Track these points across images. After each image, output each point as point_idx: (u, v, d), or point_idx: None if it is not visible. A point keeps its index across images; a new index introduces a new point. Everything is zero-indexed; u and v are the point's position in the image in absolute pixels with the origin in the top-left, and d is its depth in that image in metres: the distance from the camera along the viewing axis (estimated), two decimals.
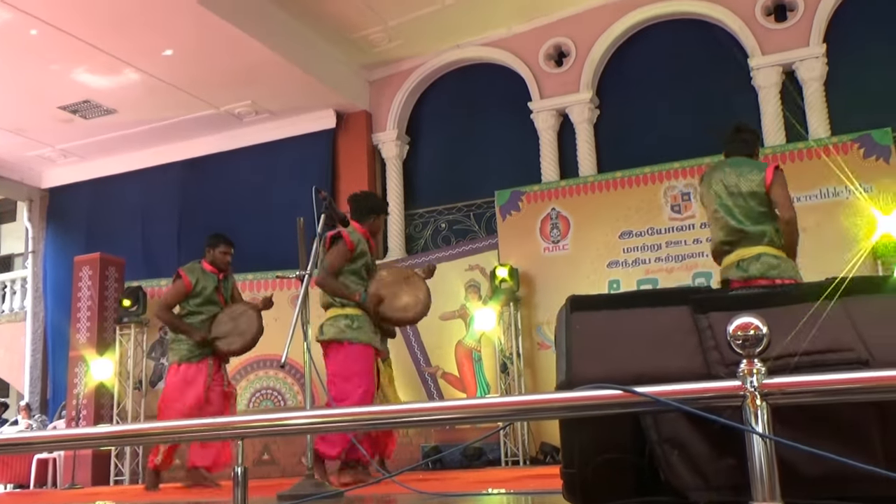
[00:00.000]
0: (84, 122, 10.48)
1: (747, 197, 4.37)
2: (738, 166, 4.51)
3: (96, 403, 9.33)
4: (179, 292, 6.11)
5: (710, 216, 4.56)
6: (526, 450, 8.17)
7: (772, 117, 8.59)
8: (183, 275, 6.11)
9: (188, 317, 6.10)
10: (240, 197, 10.72)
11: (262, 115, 10.60)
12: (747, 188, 4.37)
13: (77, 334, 9.65)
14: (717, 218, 4.45)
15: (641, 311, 2.18)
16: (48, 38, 8.36)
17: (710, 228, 4.64)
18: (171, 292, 6.18)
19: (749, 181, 4.39)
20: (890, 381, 1.72)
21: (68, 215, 12.08)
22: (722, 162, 4.67)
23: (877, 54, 8.38)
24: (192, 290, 6.07)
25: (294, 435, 5.19)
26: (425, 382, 9.03)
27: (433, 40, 10.05)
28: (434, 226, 10.26)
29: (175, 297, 6.14)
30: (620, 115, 9.47)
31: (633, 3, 9.34)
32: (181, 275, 6.13)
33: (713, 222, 4.52)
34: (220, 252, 6.21)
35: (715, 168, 4.64)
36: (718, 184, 4.47)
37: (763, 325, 1.73)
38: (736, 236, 4.38)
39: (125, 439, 5.18)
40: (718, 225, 4.44)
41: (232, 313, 6.10)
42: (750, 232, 4.34)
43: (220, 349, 6.04)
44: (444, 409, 2.40)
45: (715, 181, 4.50)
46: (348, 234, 5.01)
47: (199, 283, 6.10)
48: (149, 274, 10.22)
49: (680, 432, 1.87)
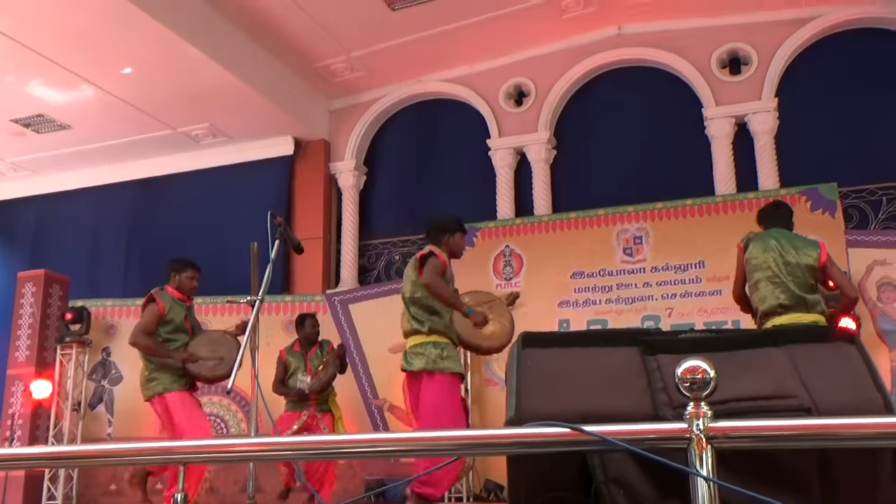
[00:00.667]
0: (36, 136, 10.30)
1: (804, 269, 5.00)
2: (791, 239, 5.17)
3: (32, 424, 9.07)
4: (154, 315, 5.75)
5: (762, 278, 5.09)
6: (470, 486, 8.12)
7: (723, 167, 8.77)
8: (157, 298, 5.78)
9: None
10: (192, 219, 10.59)
11: (219, 139, 10.53)
12: (805, 262, 5.01)
13: (16, 352, 9.41)
14: (776, 283, 5.01)
15: (592, 350, 2.21)
16: (4, 50, 8.22)
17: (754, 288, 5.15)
18: (148, 318, 5.77)
19: (807, 256, 5.04)
20: (831, 429, 1.75)
21: (14, 229, 11.82)
22: (768, 232, 5.27)
23: (826, 110, 8.62)
24: (165, 317, 5.76)
25: (237, 462, 5.06)
26: (371, 415, 8.95)
27: (395, 73, 10.11)
28: (388, 257, 10.25)
29: (153, 321, 5.75)
30: (577, 156, 9.59)
31: (593, 48, 9.51)
32: (154, 298, 5.79)
33: (766, 284, 5.06)
34: (186, 277, 5.94)
35: (762, 236, 5.24)
36: (774, 251, 5.07)
37: (710, 368, 1.75)
38: (794, 301, 4.96)
39: (61, 461, 5.05)
40: (778, 289, 5.00)
41: (208, 339, 5.84)
42: (808, 300, 4.99)
43: (203, 375, 5.73)
44: (391, 441, 2.39)
45: (769, 248, 5.10)
46: (441, 255, 4.94)
47: (171, 310, 5.81)
48: (94, 293, 10.01)
49: (626, 472, 1.89)
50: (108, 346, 9.37)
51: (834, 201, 7.74)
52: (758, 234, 5.29)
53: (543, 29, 9.32)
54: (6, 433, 9.13)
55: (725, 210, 8.16)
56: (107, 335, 9.40)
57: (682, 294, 8.08)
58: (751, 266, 5.20)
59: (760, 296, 5.10)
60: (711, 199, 8.33)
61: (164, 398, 5.68)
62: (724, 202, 8.23)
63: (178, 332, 5.82)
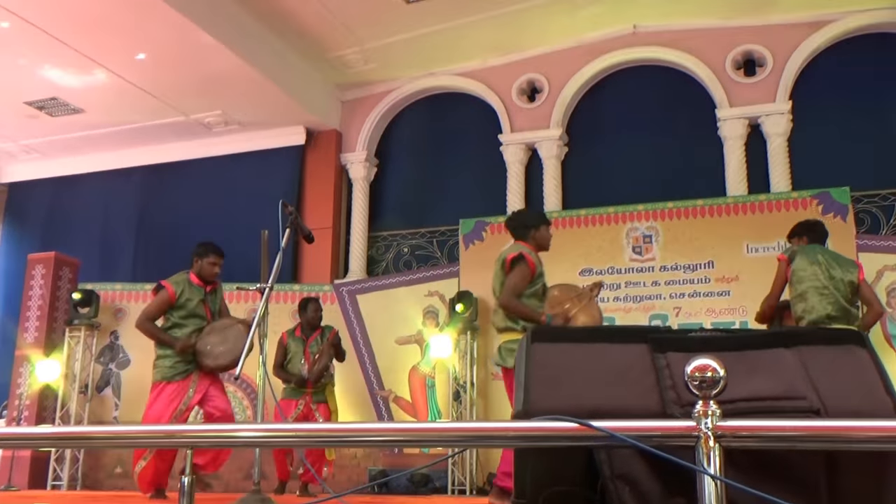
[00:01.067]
0: (50, 119, 10.34)
1: (846, 284, 5.43)
2: (836, 257, 5.62)
3: (39, 405, 9.12)
4: (163, 303, 5.81)
5: (809, 288, 5.44)
6: (473, 479, 8.14)
7: (735, 168, 8.75)
8: (167, 286, 5.81)
9: (172, 329, 5.81)
10: (203, 206, 10.61)
11: (231, 127, 10.55)
12: (848, 278, 5.44)
13: (24, 333, 9.45)
14: (824, 294, 5.39)
15: (601, 346, 2.21)
16: (20, 32, 8.24)
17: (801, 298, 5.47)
18: (154, 304, 5.86)
19: (850, 273, 5.48)
20: (840, 432, 1.75)
21: (26, 212, 11.86)
22: (812, 247, 5.67)
23: (840, 114, 8.60)
24: (176, 302, 5.79)
25: (242, 447, 5.09)
26: (377, 405, 8.98)
27: (409, 66, 10.11)
28: (396, 249, 10.26)
29: (158, 308, 5.84)
30: (588, 154, 9.58)
31: (607, 46, 9.50)
32: (164, 286, 5.82)
33: (814, 295, 5.41)
34: (208, 262, 5.89)
35: (808, 250, 5.62)
36: (821, 265, 5.45)
37: (720, 367, 1.75)
38: (842, 313, 5.37)
39: (67, 441, 5.07)
40: (826, 300, 5.38)
41: (218, 327, 5.82)
42: (851, 312, 5.46)
43: (206, 364, 5.72)
44: (399, 431, 2.40)
45: (816, 262, 5.47)
46: (530, 255, 4.93)
47: (183, 295, 5.81)
48: (103, 277, 10.04)
49: (633, 469, 1.89)
50: (117, 329, 9.40)
51: (846, 205, 7.72)
52: (803, 248, 5.65)
53: (558, 25, 9.30)
54: (13, 413, 9.18)
55: (736, 211, 8.14)
56: (115, 319, 9.44)
57: (690, 294, 8.07)
58: (797, 277, 5.52)
59: (808, 306, 5.42)
60: (722, 200, 8.31)
61: (156, 387, 5.75)
62: (735, 203, 8.21)
63: (190, 317, 5.81)
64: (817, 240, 5.79)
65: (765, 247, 7.84)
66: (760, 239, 7.91)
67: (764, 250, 7.82)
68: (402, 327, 9.06)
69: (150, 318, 5.84)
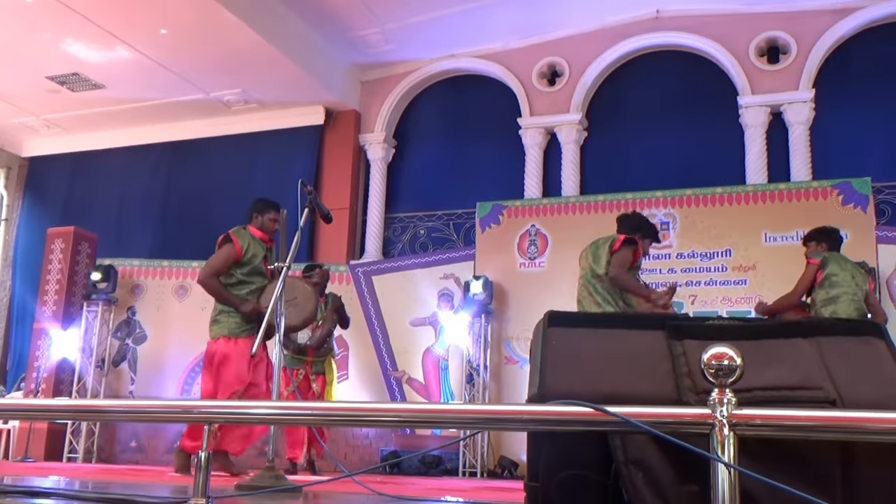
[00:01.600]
0: (71, 94, 10.39)
1: (864, 293, 5.73)
2: (855, 266, 5.82)
3: (56, 378, 9.23)
4: (230, 257, 5.39)
5: (842, 293, 5.62)
6: (485, 462, 8.18)
7: (755, 156, 8.69)
8: (234, 238, 5.42)
9: (235, 287, 5.42)
10: (221, 184, 10.65)
11: (250, 105, 10.57)
12: (865, 287, 5.76)
13: (43, 307, 9.55)
14: (854, 300, 5.63)
15: (618, 332, 2.20)
16: (43, 7, 8.27)
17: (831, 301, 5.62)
18: (220, 257, 5.41)
19: (865, 280, 5.80)
20: (856, 422, 1.75)
21: (46, 186, 11.95)
22: (839, 254, 5.88)
23: (863, 104, 8.52)
24: (242, 258, 5.40)
25: (259, 423, 5.09)
26: (389, 386, 9.02)
27: (429, 47, 10.08)
28: (413, 231, 10.27)
29: (225, 262, 5.40)
30: (607, 139, 9.54)
31: (629, 31, 9.43)
32: (231, 238, 5.43)
33: (847, 301, 5.61)
34: (269, 219, 5.58)
35: (837, 257, 5.82)
36: (849, 272, 5.70)
37: (737, 356, 1.75)
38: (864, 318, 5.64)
39: (83, 413, 5.12)
40: (854, 306, 5.62)
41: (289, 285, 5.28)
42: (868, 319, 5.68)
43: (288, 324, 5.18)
44: (414, 411, 2.41)
45: (846, 269, 5.71)
46: (640, 241, 5.30)
47: (249, 250, 5.42)
48: (121, 252, 10.12)
49: (647, 455, 1.89)
50: (134, 305, 9.48)
51: (866, 196, 7.65)
52: (833, 255, 5.82)
53: (580, 9, 9.24)
54: (31, 385, 9.29)
55: (755, 200, 8.09)
56: (132, 294, 9.51)
57: (706, 282, 8.05)
58: (831, 282, 5.69)
59: (838, 309, 5.61)
60: (742, 189, 8.25)
61: (218, 342, 5.40)
62: (755, 192, 8.16)
63: (254, 274, 5.47)
64: (835, 247, 5.93)
65: (783, 236, 7.79)
66: (779, 228, 7.86)
67: (782, 239, 7.78)
68: (417, 309, 9.08)
69: (215, 273, 5.42)
